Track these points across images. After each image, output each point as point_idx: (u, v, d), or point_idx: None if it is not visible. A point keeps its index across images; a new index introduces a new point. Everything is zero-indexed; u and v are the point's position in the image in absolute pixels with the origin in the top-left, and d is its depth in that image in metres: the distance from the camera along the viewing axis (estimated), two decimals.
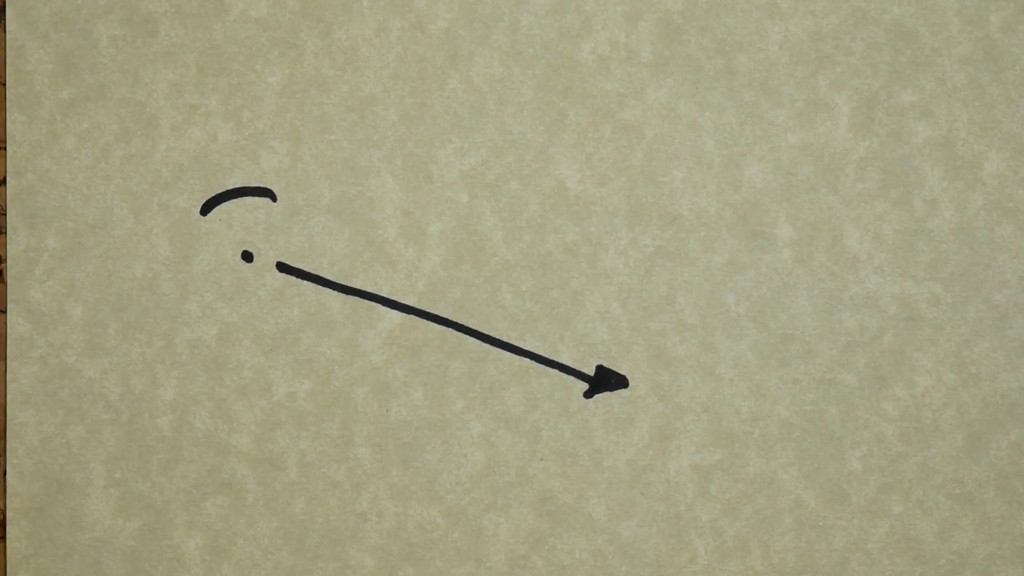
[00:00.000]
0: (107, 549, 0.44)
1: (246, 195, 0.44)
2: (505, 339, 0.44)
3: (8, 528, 0.44)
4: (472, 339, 0.44)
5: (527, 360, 0.44)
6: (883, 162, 0.44)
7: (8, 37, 0.44)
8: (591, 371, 0.44)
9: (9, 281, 0.44)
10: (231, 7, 0.44)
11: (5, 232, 0.44)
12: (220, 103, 0.44)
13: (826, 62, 0.44)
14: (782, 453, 0.44)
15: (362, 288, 0.44)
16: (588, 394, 0.44)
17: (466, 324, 0.44)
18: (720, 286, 0.44)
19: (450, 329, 0.44)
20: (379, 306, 0.44)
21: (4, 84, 0.44)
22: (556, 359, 0.44)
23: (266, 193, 0.44)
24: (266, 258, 0.44)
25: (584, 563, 0.44)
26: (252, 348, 0.44)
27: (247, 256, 0.44)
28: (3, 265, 0.44)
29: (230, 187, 0.44)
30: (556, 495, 0.44)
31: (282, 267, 0.44)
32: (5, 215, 0.44)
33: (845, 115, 0.44)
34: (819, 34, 0.44)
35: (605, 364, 0.44)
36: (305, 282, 0.44)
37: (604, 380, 0.44)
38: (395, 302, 0.44)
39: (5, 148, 0.44)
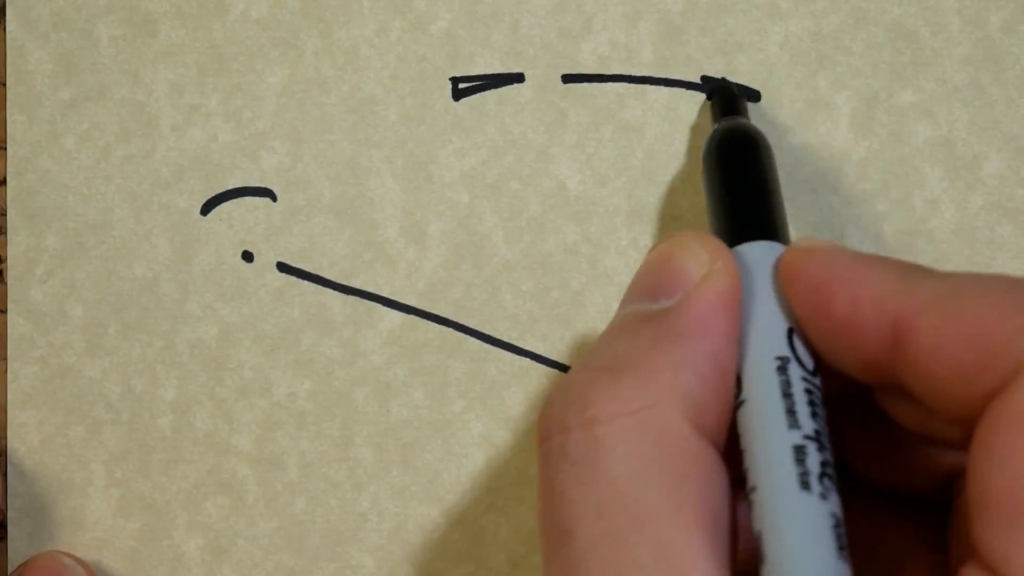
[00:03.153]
0: (108, 549, 0.44)
1: (246, 195, 0.44)
2: (505, 339, 0.44)
3: (9, 528, 0.44)
4: (472, 339, 0.44)
5: (527, 360, 0.44)
6: (883, 162, 0.44)
7: (8, 37, 0.44)
8: None
9: (9, 281, 0.44)
10: (231, 7, 0.44)
11: (5, 232, 0.44)
12: (220, 103, 0.44)
13: (826, 62, 0.44)
14: None
15: (362, 288, 0.44)
16: None
17: (466, 324, 0.44)
18: None
19: (450, 329, 0.44)
20: (379, 306, 0.44)
21: (4, 84, 0.44)
22: (556, 359, 0.44)
23: (266, 193, 0.44)
24: (266, 258, 0.44)
25: None
26: (252, 348, 0.44)
27: (247, 256, 0.44)
28: (3, 265, 0.44)
29: (230, 187, 0.44)
30: None
31: (282, 267, 0.44)
32: (5, 215, 0.44)
33: (845, 115, 0.44)
34: (819, 34, 0.44)
35: None
36: (305, 282, 0.44)
37: None
38: (395, 302, 0.44)
39: (5, 148, 0.44)
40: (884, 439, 0.32)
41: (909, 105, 0.44)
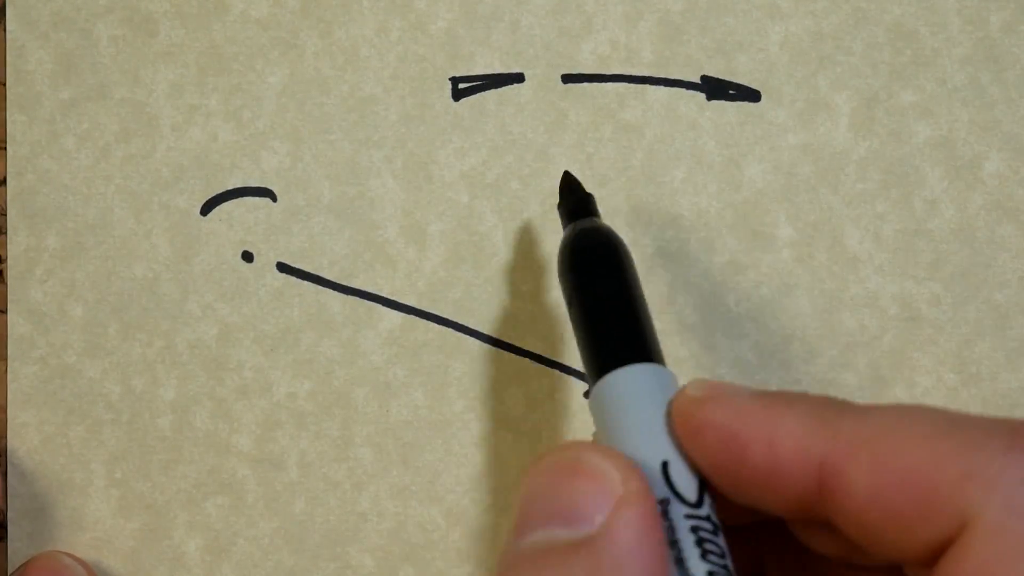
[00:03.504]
0: (108, 549, 0.44)
1: (246, 195, 0.44)
2: (505, 339, 0.44)
3: (9, 528, 0.44)
4: (472, 339, 0.44)
5: (527, 360, 0.44)
6: (883, 162, 0.44)
7: (8, 37, 0.44)
8: None
9: (9, 281, 0.44)
10: (231, 7, 0.44)
11: (5, 232, 0.44)
12: (220, 103, 0.44)
13: (826, 62, 0.44)
14: None
15: (362, 288, 0.44)
16: (588, 394, 0.44)
17: (466, 324, 0.44)
18: (720, 286, 0.44)
19: (450, 329, 0.44)
20: (379, 306, 0.44)
21: (4, 84, 0.44)
22: (556, 359, 0.44)
23: (266, 193, 0.44)
24: (266, 258, 0.44)
25: None
26: (252, 348, 0.44)
27: (247, 256, 0.44)
28: (3, 265, 0.44)
29: (230, 187, 0.44)
30: None
31: (282, 267, 0.44)
32: (5, 215, 0.44)
33: (845, 115, 0.44)
34: (819, 34, 0.44)
35: None
36: (305, 282, 0.44)
37: None
38: (395, 302, 0.44)
39: (5, 148, 0.44)
40: (804, 565, 0.31)
41: (909, 105, 0.44)
